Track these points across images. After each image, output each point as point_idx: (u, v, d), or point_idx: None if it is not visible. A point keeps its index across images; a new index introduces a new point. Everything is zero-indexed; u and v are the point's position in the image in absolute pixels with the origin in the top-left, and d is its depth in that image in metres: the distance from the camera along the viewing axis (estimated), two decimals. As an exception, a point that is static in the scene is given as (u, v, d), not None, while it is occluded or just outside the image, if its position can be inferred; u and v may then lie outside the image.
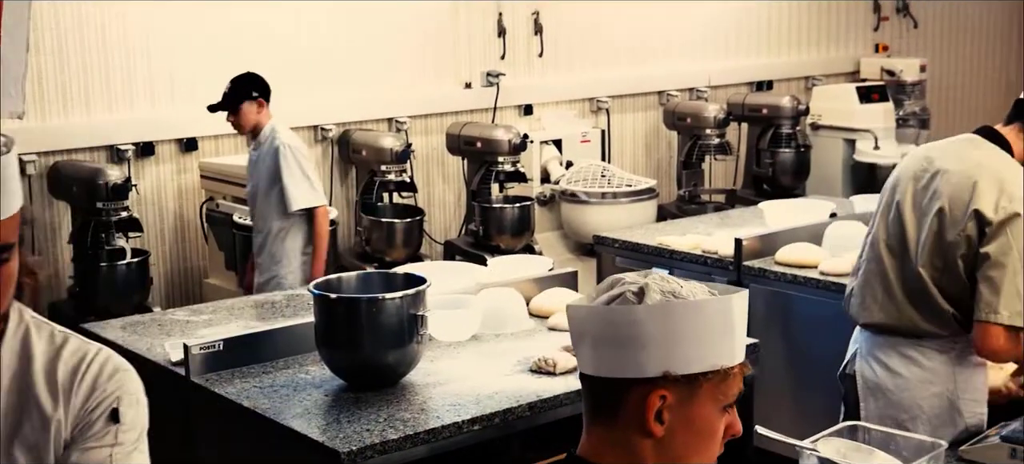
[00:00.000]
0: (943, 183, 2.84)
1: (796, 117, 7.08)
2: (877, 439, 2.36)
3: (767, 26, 7.69)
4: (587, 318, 1.60)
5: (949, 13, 8.71)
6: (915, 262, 2.85)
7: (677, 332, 1.56)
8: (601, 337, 1.59)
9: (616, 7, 6.93)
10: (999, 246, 2.70)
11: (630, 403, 1.57)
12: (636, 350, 1.55)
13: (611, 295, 1.60)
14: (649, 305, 1.56)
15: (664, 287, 1.59)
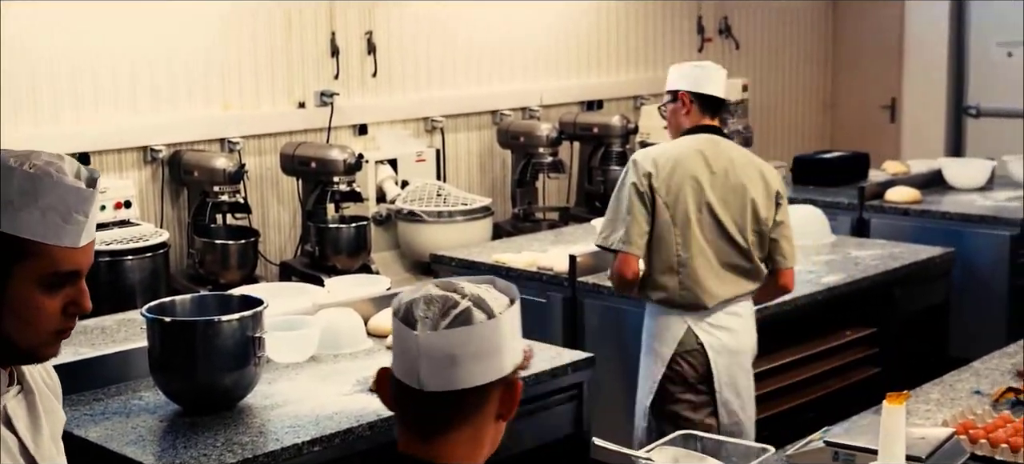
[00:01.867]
0: None
1: (626, 135, 7.24)
2: (709, 446, 2.44)
3: (597, 47, 7.85)
4: (441, 343, 1.67)
5: (769, 36, 9.04)
6: None
7: (518, 329, 1.78)
8: (468, 355, 1.69)
9: (449, 28, 6.99)
10: None
11: (491, 399, 1.74)
12: (499, 356, 1.71)
13: (455, 315, 1.69)
14: (503, 314, 1.72)
15: (491, 294, 1.75)
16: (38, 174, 1.66)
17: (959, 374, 3.40)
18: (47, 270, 1.67)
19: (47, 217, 1.66)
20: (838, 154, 7.09)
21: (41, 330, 1.71)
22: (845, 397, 4.56)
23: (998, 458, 2.66)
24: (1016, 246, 5.78)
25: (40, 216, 1.65)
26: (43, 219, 1.66)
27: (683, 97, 3.98)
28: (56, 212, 1.66)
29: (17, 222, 1.65)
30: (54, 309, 1.70)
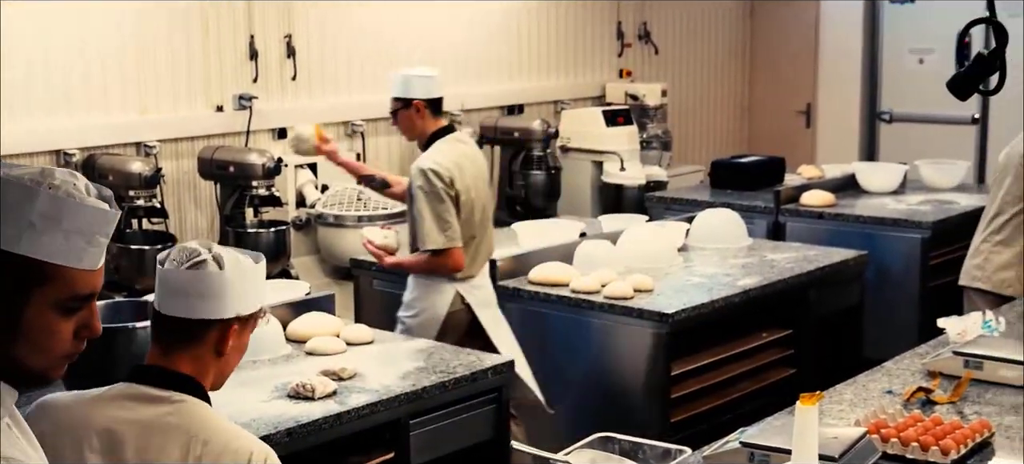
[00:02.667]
0: None
1: (546, 140, 7.27)
2: (625, 448, 2.47)
3: (518, 52, 7.87)
4: (179, 279, 2.20)
5: (687, 42, 9.14)
6: None
7: (253, 289, 2.27)
8: (190, 292, 2.19)
9: (370, 31, 6.96)
10: None
11: (210, 335, 2.22)
12: (221, 301, 2.21)
13: (195, 261, 2.20)
14: (232, 270, 2.21)
15: (234, 256, 2.24)
16: (62, 196, 1.62)
17: (872, 374, 3.46)
18: (65, 294, 1.63)
19: (70, 240, 1.62)
20: (755, 158, 7.19)
21: (54, 354, 1.66)
22: (761, 398, 4.62)
23: (909, 456, 2.72)
24: (927, 249, 5.91)
25: (63, 239, 1.61)
26: (66, 242, 1.62)
27: (418, 104, 4.59)
28: (80, 235, 1.63)
29: (38, 245, 1.60)
30: (68, 333, 1.66)
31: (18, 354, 1.63)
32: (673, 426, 4.33)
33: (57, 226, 1.61)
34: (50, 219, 1.60)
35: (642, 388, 4.40)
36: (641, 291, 4.54)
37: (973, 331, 3.61)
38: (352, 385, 3.44)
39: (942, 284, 5.86)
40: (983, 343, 3.48)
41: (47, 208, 1.60)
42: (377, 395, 3.37)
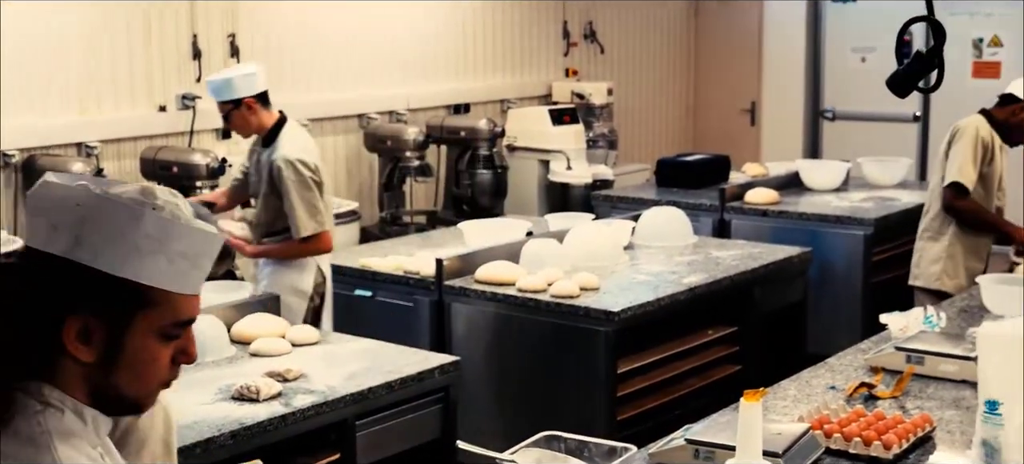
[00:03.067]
0: None
1: (493, 139, 7.27)
2: (571, 446, 2.47)
3: (464, 51, 7.86)
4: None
5: (633, 41, 9.18)
6: None
7: None
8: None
9: (315, 30, 6.92)
10: None
11: None
12: None
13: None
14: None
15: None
16: (167, 218, 1.55)
17: (815, 370, 3.49)
18: (168, 319, 1.57)
19: (174, 264, 1.55)
20: (700, 157, 7.24)
21: (152, 382, 1.60)
22: (707, 395, 4.64)
23: (852, 451, 2.74)
24: (870, 245, 5.98)
25: (167, 262, 1.54)
26: (170, 266, 1.55)
27: (249, 102, 4.80)
28: (185, 258, 1.56)
29: (143, 269, 1.53)
30: (166, 359, 1.60)
31: (117, 382, 1.56)
32: (620, 424, 4.34)
33: (162, 249, 1.54)
34: (155, 241, 1.54)
35: (589, 386, 4.41)
36: (587, 290, 4.55)
37: (915, 327, 3.65)
38: (297, 386, 3.41)
39: (885, 280, 5.94)
40: (924, 338, 3.52)
41: (152, 230, 1.54)
42: (323, 396, 3.35)
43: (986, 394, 2.51)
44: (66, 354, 1.52)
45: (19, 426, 1.50)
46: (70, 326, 1.51)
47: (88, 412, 1.56)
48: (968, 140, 5.01)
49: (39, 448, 1.49)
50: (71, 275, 1.51)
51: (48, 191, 1.55)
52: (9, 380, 1.51)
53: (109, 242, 1.51)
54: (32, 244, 1.55)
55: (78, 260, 1.51)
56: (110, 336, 1.53)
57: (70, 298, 1.51)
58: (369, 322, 4.69)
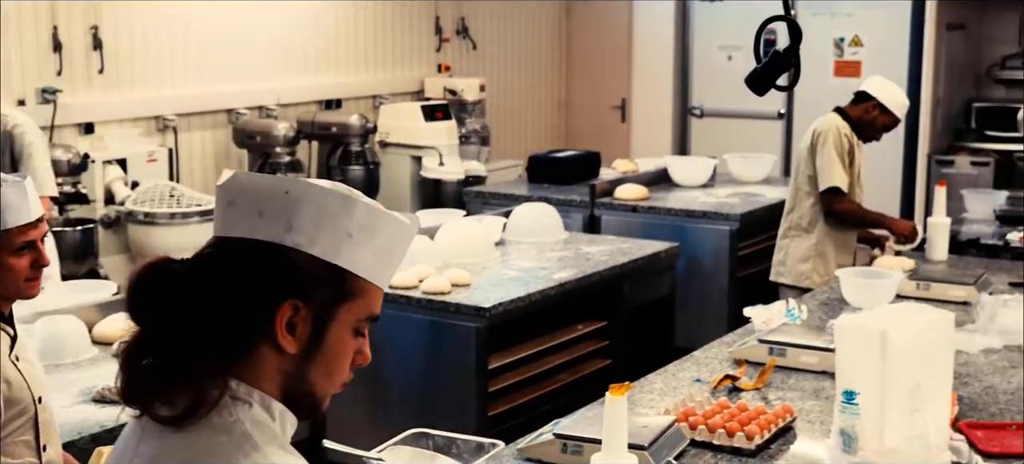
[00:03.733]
0: None
1: (365, 135, 7.23)
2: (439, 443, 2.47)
3: (335, 46, 7.80)
4: None
5: (506, 38, 9.21)
6: None
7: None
8: None
9: (182, 24, 6.79)
10: None
11: None
12: None
13: None
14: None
15: None
16: (375, 209, 1.52)
17: (681, 364, 3.55)
18: (364, 313, 1.52)
19: (379, 255, 1.52)
20: (571, 153, 7.30)
21: (339, 379, 1.53)
22: (578, 389, 4.68)
23: (715, 442, 2.79)
24: (736, 240, 6.10)
25: (372, 254, 1.51)
26: (375, 258, 1.51)
27: None
28: (387, 251, 1.53)
29: (354, 258, 1.49)
30: (351, 358, 1.54)
31: (313, 376, 1.50)
32: (491, 420, 4.36)
33: (370, 240, 1.51)
34: (366, 232, 1.50)
35: (460, 382, 4.41)
36: (458, 286, 4.55)
37: (777, 319, 3.74)
38: (162, 387, 3.34)
39: (750, 274, 6.07)
40: (786, 331, 3.61)
41: (364, 219, 1.50)
42: (188, 397, 3.29)
43: (844, 384, 2.58)
44: (267, 344, 1.47)
45: (213, 419, 1.44)
46: (282, 313, 1.46)
47: (276, 407, 1.49)
48: (832, 143, 5.13)
49: (235, 440, 1.43)
50: (286, 261, 1.47)
51: (248, 181, 1.51)
52: (211, 372, 1.46)
53: (323, 229, 1.48)
54: (232, 233, 1.49)
55: (294, 246, 1.47)
56: (314, 327, 1.48)
57: (285, 284, 1.46)
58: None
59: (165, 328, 1.46)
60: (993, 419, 3.05)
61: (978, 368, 3.48)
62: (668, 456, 2.62)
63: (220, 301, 1.45)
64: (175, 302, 1.46)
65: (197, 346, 1.44)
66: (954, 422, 2.92)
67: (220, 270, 1.47)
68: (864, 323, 2.62)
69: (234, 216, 1.50)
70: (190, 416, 1.43)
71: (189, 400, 1.43)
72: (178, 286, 1.47)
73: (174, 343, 1.45)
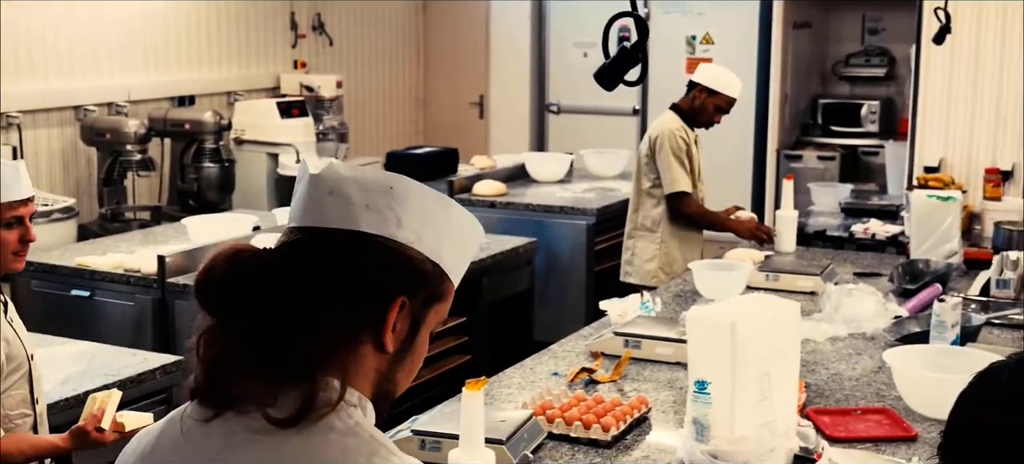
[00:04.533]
0: None
1: (219, 132, 7.10)
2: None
3: (187, 41, 7.64)
4: None
5: (362, 34, 9.16)
6: None
7: None
8: None
9: (25, 18, 6.57)
10: None
11: None
12: None
13: None
14: None
15: None
16: (465, 211, 1.49)
17: (539, 358, 3.58)
18: (444, 315, 1.48)
19: (463, 258, 1.48)
20: (429, 149, 7.31)
21: (409, 382, 1.48)
22: (439, 385, 4.69)
23: (573, 435, 2.83)
24: (592, 234, 6.18)
25: (459, 257, 1.47)
26: (460, 260, 1.48)
27: None
28: (467, 254, 1.49)
29: (450, 258, 1.45)
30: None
31: (400, 375, 1.44)
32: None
33: (460, 241, 1.47)
34: (457, 233, 1.46)
35: (319, 381, 4.37)
36: (316, 284, 4.51)
37: (632, 312, 3.80)
38: (7, 393, 3.24)
39: (607, 267, 6.15)
40: (641, 323, 3.67)
41: (460, 220, 1.47)
42: (35, 402, 3.19)
43: (696, 374, 2.64)
44: (371, 342, 1.40)
45: (332, 421, 1.34)
46: (393, 310, 1.39)
47: (369, 407, 1.41)
48: (669, 147, 5.19)
49: (366, 442, 1.34)
50: (402, 256, 1.41)
51: (350, 172, 1.44)
52: (322, 370, 1.36)
53: (428, 227, 1.42)
54: (331, 224, 1.41)
55: (406, 242, 1.41)
56: (412, 325, 1.42)
57: (399, 280, 1.40)
58: (87, 324, 4.50)
59: (267, 323, 1.35)
60: (839, 405, 3.15)
61: (825, 356, 3.60)
62: (525, 450, 2.64)
63: (332, 293, 1.37)
64: (278, 294, 1.35)
65: (308, 341, 1.36)
66: (802, 409, 3.01)
67: (329, 261, 1.39)
68: (714, 314, 2.68)
69: (336, 206, 1.42)
70: (304, 416, 1.33)
71: (301, 399, 1.33)
72: (277, 276, 1.37)
73: (279, 339, 1.35)
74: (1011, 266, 4.35)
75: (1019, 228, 5.06)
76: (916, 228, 4.93)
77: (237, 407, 1.35)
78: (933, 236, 4.87)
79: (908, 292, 4.26)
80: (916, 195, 5.03)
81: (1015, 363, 1.40)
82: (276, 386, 1.34)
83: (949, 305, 3.50)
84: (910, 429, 2.92)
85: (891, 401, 3.14)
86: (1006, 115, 5.66)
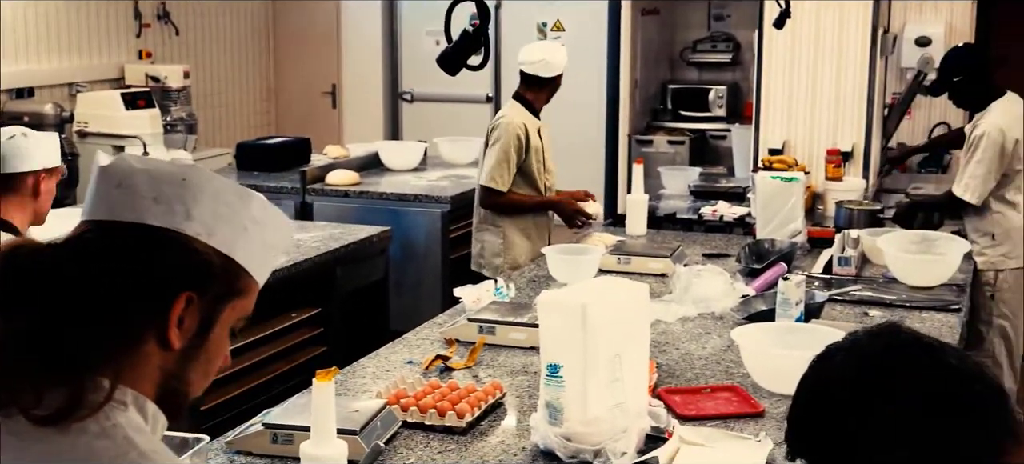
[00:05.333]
0: None
1: (61, 124, 6.88)
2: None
3: (24, 31, 7.37)
4: None
5: (208, 23, 8.97)
6: None
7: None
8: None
9: None
10: None
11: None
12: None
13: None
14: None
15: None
16: (267, 205, 1.45)
17: (393, 346, 3.56)
18: (244, 313, 1.44)
19: (267, 254, 1.44)
20: (280, 140, 7.20)
21: (207, 382, 1.44)
22: (294, 378, 4.63)
23: (427, 423, 2.82)
24: (447, 222, 6.18)
25: (262, 251, 1.43)
26: (264, 255, 1.43)
27: None
28: (273, 250, 1.45)
29: (248, 253, 1.41)
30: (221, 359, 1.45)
31: (191, 375, 1.39)
32: (203, 414, 4.24)
33: (262, 235, 1.43)
34: (259, 226, 1.42)
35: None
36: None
37: (486, 298, 3.81)
38: None
39: (462, 255, 6.15)
40: (495, 309, 3.68)
41: (258, 214, 1.43)
42: None
43: (548, 358, 2.65)
44: (154, 339, 1.35)
45: (87, 423, 1.28)
46: (177, 305, 1.34)
47: (150, 408, 1.36)
48: (503, 143, 5.11)
49: (118, 445, 1.28)
50: (189, 250, 1.36)
51: (140, 164, 1.37)
52: (92, 369, 1.30)
53: (221, 220, 1.38)
54: (117, 217, 1.36)
55: (194, 235, 1.36)
56: (202, 322, 1.38)
57: (184, 274, 1.35)
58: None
59: (41, 319, 1.30)
60: (690, 384, 3.21)
61: (675, 336, 3.66)
62: (379, 439, 2.62)
63: (109, 289, 1.32)
64: (54, 290, 1.31)
65: (80, 339, 1.30)
66: (653, 389, 3.06)
67: (108, 256, 1.34)
68: (565, 298, 2.70)
69: (123, 199, 1.37)
70: (66, 417, 1.28)
71: (65, 399, 1.28)
72: (54, 272, 1.32)
73: (52, 336, 1.30)
74: (852, 244, 4.50)
75: (859, 207, 5.23)
76: (761, 209, 5.06)
77: (4, 410, 1.31)
78: (778, 216, 5.00)
79: (755, 271, 4.37)
80: (760, 177, 5.15)
81: (849, 344, 1.45)
82: (42, 387, 1.29)
83: (793, 283, 3.60)
84: (758, 405, 2.98)
85: (739, 378, 3.22)
86: (846, 97, 5.83)
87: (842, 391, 1.40)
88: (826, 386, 1.43)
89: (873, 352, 1.42)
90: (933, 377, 1.37)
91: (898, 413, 1.36)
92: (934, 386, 1.37)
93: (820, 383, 1.44)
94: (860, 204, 5.30)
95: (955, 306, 4.02)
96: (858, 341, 1.45)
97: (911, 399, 1.36)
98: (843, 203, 5.27)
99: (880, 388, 1.37)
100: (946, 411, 1.35)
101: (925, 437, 1.34)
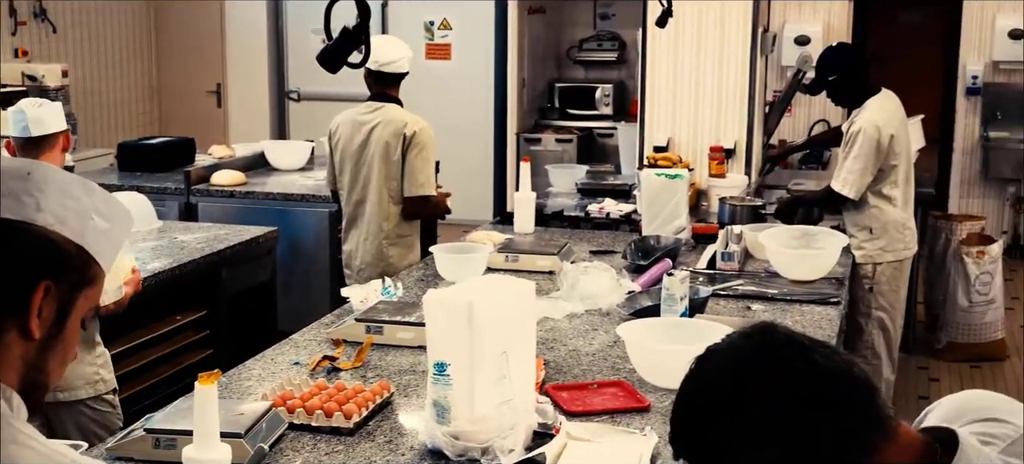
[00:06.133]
0: None
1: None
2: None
3: None
4: None
5: (87, 21, 8.77)
6: None
7: None
8: None
9: None
10: None
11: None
12: None
13: None
14: None
15: None
16: (108, 194, 1.48)
17: (280, 348, 3.52)
18: (93, 303, 1.46)
19: (111, 243, 1.46)
20: (163, 140, 7.08)
21: (63, 373, 1.45)
22: (180, 382, 4.56)
23: (314, 424, 2.80)
24: (334, 222, 6.13)
25: (107, 241, 1.45)
26: (109, 244, 1.46)
27: None
28: (116, 239, 1.47)
29: (96, 242, 1.43)
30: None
31: (49, 363, 1.41)
32: (84, 421, 4.15)
33: (107, 224, 1.45)
34: (103, 217, 1.45)
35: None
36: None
37: (373, 298, 3.79)
38: None
39: (350, 255, 6.12)
40: (382, 308, 3.67)
41: (102, 204, 1.46)
42: None
43: (435, 357, 2.65)
44: (14, 330, 1.36)
45: None
46: (37, 295, 1.37)
47: (15, 399, 1.37)
48: (430, 149, 4.91)
49: None
50: (44, 240, 1.38)
51: None
52: None
53: (70, 210, 1.41)
54: None
55: (46, 225, 1.38)
56: (59, 311, 1.40)
57: (41, 264, 1.38)
58: None
59: None
60: (577, 380, 3.23)
61: (563, 333, 3.68)
62: (264, 442, 2.60)
63: None
64: None
65: None
66: (541, 386, 3.08)
67: None
68: (451, 296, 2.70)
69: None
70: None
71: None
72: None
73: None
74: (735, 239, 4.58)
75: (742, 203, 5.33)
76: (646, 206, 5.12)
77: None
78: (663, 213, 5.06)
79: (640, 268, 4.42)
80: (645, 174, 5.22)
81: (725, 346, 1.49)
82: None
83: (678, 279, 3.65)
84: (643, 400, 3.02)
85: (626, 374, 3.25)
86: (728, 95, 5.94)
87: (715, 392, 1.44)
88: (701, 388, 1.46)
89: (745, 353, 1.46)
90: (801, 376, 1.41)
91: (766, 413, 1.39)
92: (801, 385, 1.40)
93: (696, 385, 1.47)
94: (743, 200, 5.39)
95: (834, 299, 4.11)
96: (733, 342, 1.48)
97: (778, 398, 1.40)
98: (726, 199, 5.36)
99: (750, 388, 1.41)
100: (812, 409, 1.39)
101: (792, 435, 1.38)
